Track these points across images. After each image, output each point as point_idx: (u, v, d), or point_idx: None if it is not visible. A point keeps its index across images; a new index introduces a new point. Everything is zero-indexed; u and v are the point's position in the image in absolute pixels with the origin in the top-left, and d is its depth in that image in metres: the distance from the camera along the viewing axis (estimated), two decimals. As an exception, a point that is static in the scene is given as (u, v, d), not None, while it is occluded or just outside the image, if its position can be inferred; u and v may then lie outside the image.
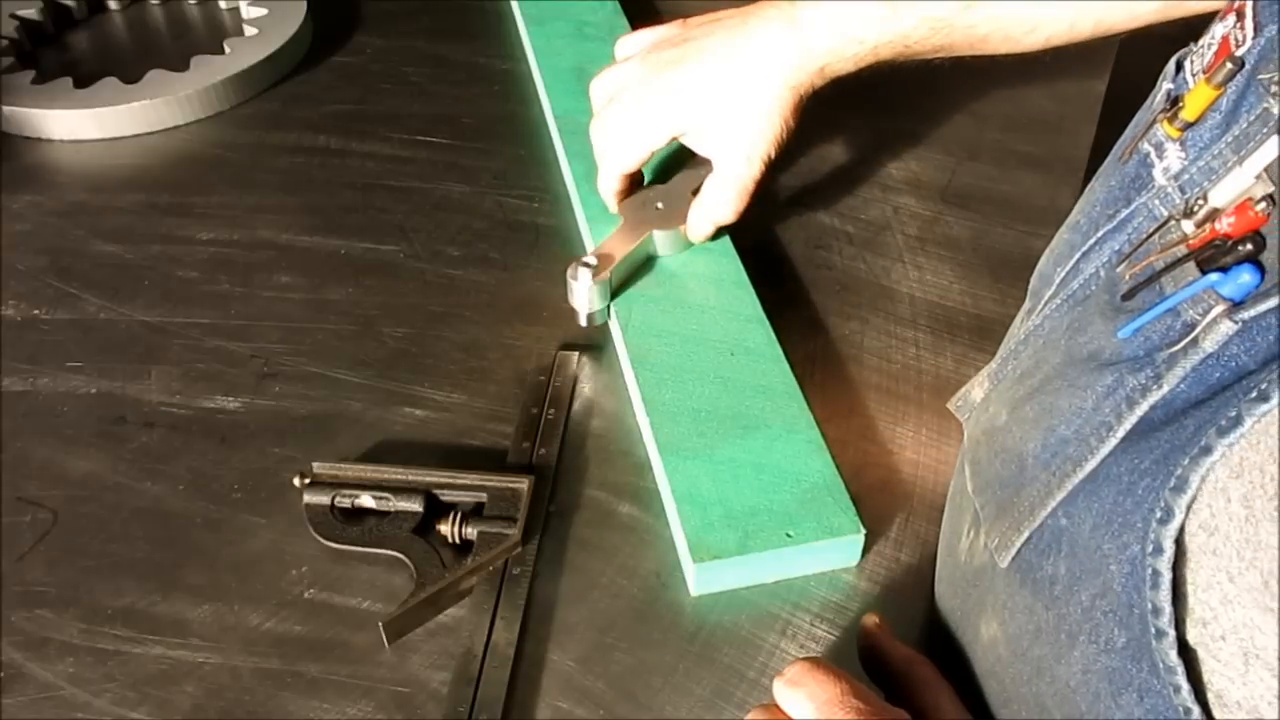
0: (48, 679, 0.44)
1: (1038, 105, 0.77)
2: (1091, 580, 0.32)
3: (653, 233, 0.59)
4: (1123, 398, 0.32)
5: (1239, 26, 0.33)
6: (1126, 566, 0.30)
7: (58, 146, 0.74)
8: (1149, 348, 0.32)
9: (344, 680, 0.44)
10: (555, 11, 0.82)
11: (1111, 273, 0.36)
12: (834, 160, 0.72)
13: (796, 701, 0.35)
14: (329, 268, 0.64)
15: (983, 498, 0.40)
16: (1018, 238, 0.63)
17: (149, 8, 0.90)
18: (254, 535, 0.49)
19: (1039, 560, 0.35)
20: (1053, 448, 0.35)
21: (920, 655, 0.40)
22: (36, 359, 0.58)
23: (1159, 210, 0.34)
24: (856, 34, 0.55)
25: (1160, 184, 0.35)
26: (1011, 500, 0.37)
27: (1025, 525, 0.36)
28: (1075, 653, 0.33)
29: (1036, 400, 0.37)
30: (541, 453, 0.52)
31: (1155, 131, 0.35)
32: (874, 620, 0.41)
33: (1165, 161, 0.35)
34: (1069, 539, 0.34)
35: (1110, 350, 0.33)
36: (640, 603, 0.47)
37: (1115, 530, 0.31)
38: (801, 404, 0.52)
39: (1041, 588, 0.35)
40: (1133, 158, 0.37)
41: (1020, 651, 0.37)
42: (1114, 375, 0.33)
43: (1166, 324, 0.31)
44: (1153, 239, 0.34)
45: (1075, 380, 0.35)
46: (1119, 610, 0.30)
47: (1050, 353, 0.38)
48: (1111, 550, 0.31)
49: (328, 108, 0.77)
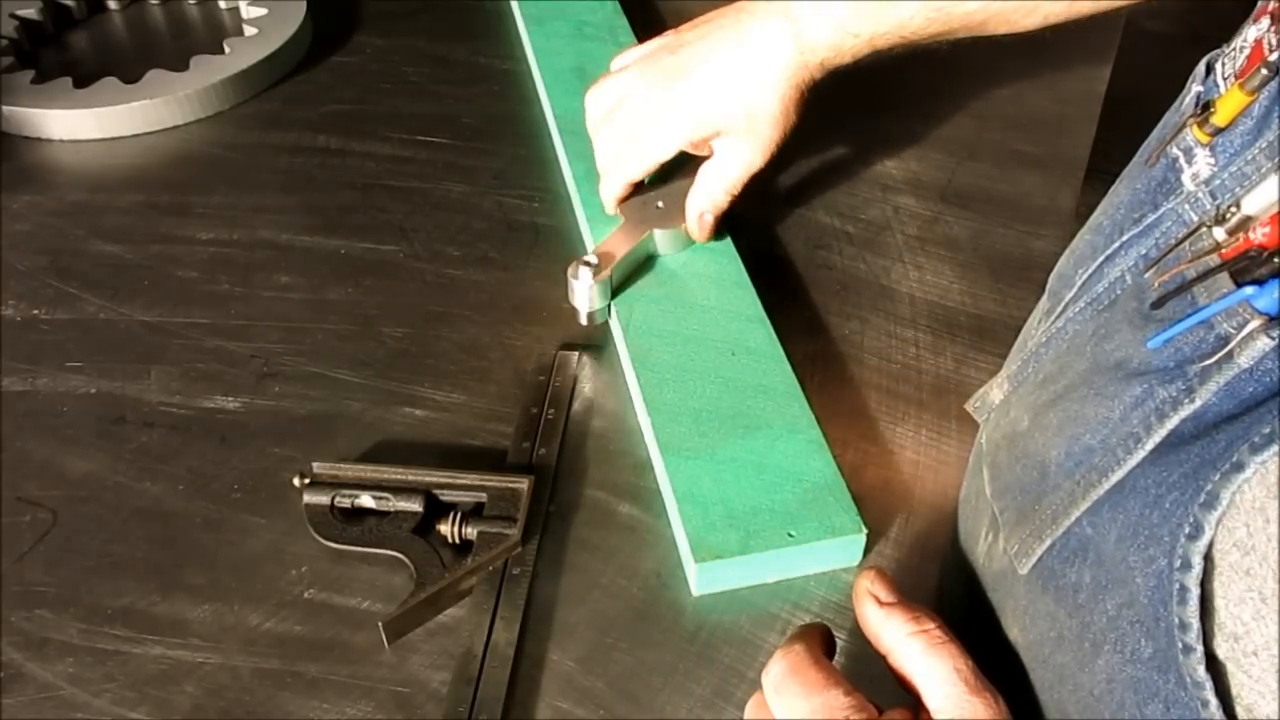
0: (48, 679, 0.44)
1: (1038, 105, 0.77)
2: (1117, 590, 0.32)
3: (653, 232, 0.59)
4: (1152, 409, 0.31)
5: (1274, 30, 0.32)
6: (1153, 580, 0.30)
7: (58, 146, 0.74)
8: (1180, 359, 0.31)
9: (344, 680, 0.44)
10: (555, 11, 0.82)
11: (1139, 278, 0.35)
12: (834, 160, 0.72)
13: (784, 707, 0.35)
14: (329, 268, 0.64)
15: (1002, 502, 0.40)
16: (1018, 238, 0.63)
17: (149, 8, 0.90)
18: (254, 535, 0.49)
19: (1062, 568, 0.35)
20: (1077, 456, 0.35)
21: (923, 617, 0.36)
22: (36, 359, 0.58)
23: (1188, 216, 0.34)
24: (853, 27, 0.55)
25: (1189, 189, 0.34)
26: (1033, 507, 0.37)
27: (1047, 533, 0.35)
28: (1100, 661, 0.32)
29: (1060, 407, 0.37)
30: (541, 453, 0.52)
31: (1185, 136, 0.35)
32: (869, 580, 0.37)
33: (1195, 167, 0.34)
34: (1094, 548, 0.33)
35: (1139, 360, 0.33)
36: (640, 603, 0.47)
37: (1141, 543, 0.30)
38: (802, 404, 0.52)
39: (1064, 595, 0.34)
40: (1160, 161, 0.36)
41: (1042, 658, 0.36)
42: (1143, 386, 0.32)
43: (1199, 336, 0.30)
44: (1183, 246, 0.33)
45: (1102, 389, 0.34)
46: (1145, 621, 0.30)
47: (1075, 358, 0.38)
48: (1137, 563, 0.30)
49: (328, 108, 0.77)
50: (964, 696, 0.32)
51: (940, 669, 0.33)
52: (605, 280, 0.56)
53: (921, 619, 0.35)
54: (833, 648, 0.38)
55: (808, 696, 0.34)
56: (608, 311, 0.58)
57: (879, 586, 0.37)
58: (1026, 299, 0.61)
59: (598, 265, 0.56)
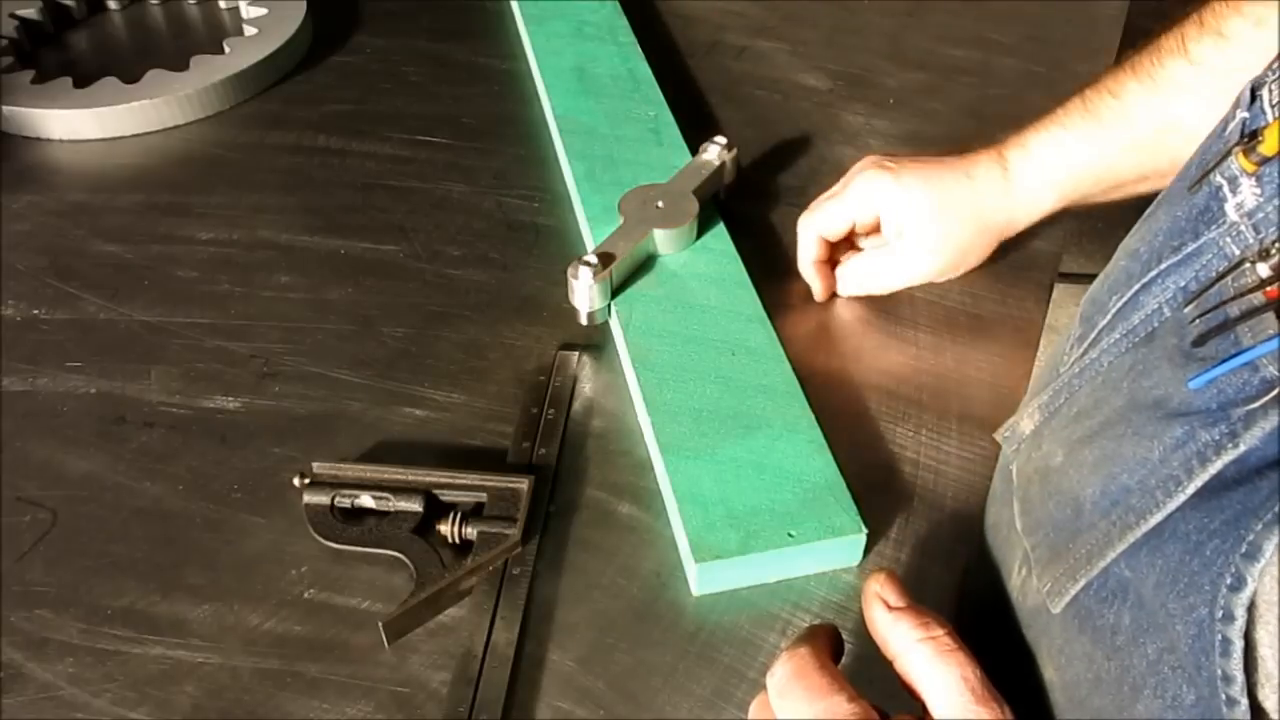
0: (48, 679, 0.44)
1: (1038, 105, 0.77)
2: (1157, 635, 0.31)
3: (653, 232, 0.59)
4: (1193, 452, 0.31)
5: None
6: (1193, 629, 0.29)
7: (58, 146, 0.74)
8: (1223, 401, 0.30)
9: (344, 680, 0.44)
10: (555, 11, 0.82)
11: (1178, 312, 0.34)
12: (834, 160, 0.72)
13: (787, 710, 0.34)
14: (329, 268, 0.64)
15: (1033, 539, 0.39)
16: (1017, 238, 0.62)
17: (149, 8, 0.90)
18: (254, 535, 0.49)
19: (1099, 608, 0.34)
20: (1113, 496, 0.34)
21: (932, 623, 0.35)
22: (36, 359, 0.58)
23: (1230, 249, 0.33)
24: None
25: (1232, 219, 0.33)
26: (1066, 545, 0.36)
27: (1081, 573, 0.35)
28: (1139, 706, 0.31)
29: (1096, 444, 0.36)
30: (541, 453, 0.52)
31: (1229, 164, 0.34)
32: (878, 584, 0.37)
33: (1239, 196, 0.33)
34: (1133, 590, 0.32)
35: (1179, 399, 0.32)
36: (640, 603, 0.47)
37: (1181, 590, 0.29)
38: (803, 404, 0.52)
39: (1102, 636, 0.34)
40: (1203, 189, 0.35)
41: (1078, 700, 0.35)
42: (1184, 427, 0.31)
43: (1243, 378, 0.30)
44: (1225, 281, 0.32)
45: (1140, 427, 0.33)
46: (1186, 668, 0.29)
47: (1111, 394, 0.37)
48: (1177, 610, 0.29)
49: (328, 108, 0.77)
50: (970, 705, 0.32)
51: (947, 676, 0.33)
52: (605, 280, 0.56)
53: (930, 625, 0.34)
54: (840, 650, 0.37)
55: (811, 701, 0.34)
56: (608, 311, 0.58)
57: (888, 590, 0.36)
58: (1026, 299, 0.61)
59: (598, 265, 0.56)
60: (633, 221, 0.60)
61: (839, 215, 0.60)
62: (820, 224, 0.60)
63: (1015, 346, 0.59)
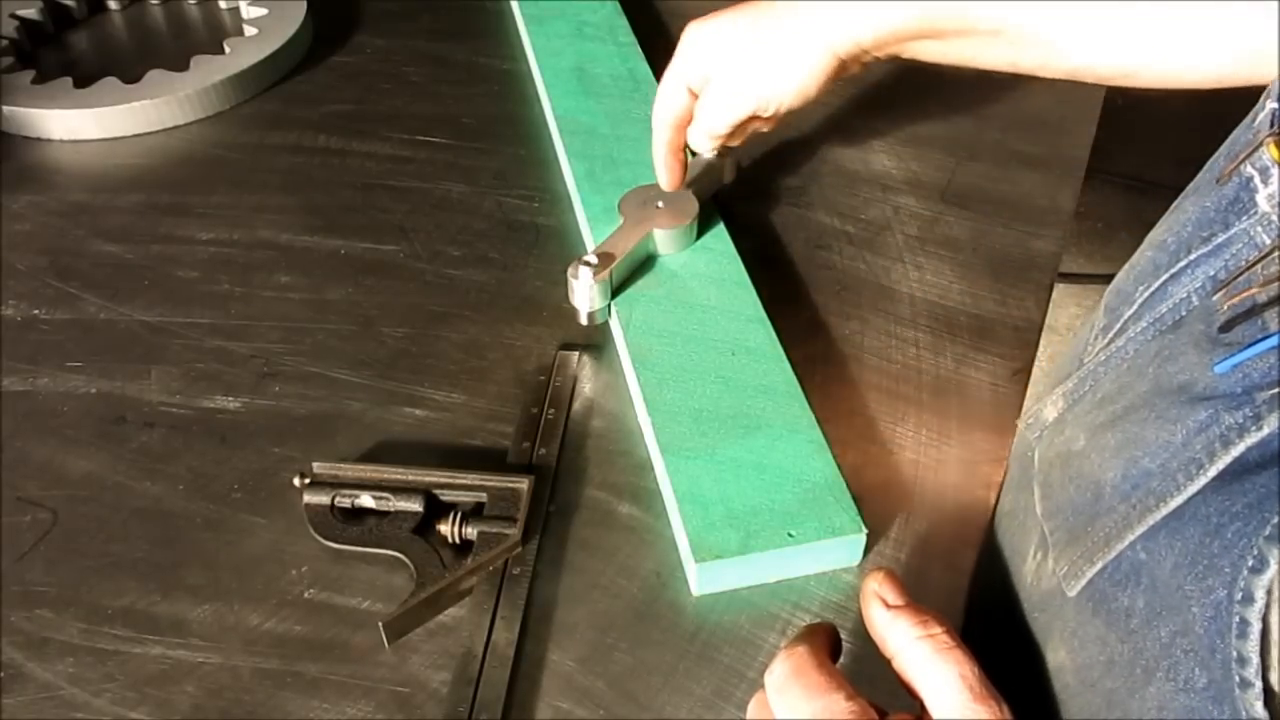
0: (48, 679, 0.44)
1: (1038, 105, 0.77)
2: (1171, 617, 0.31)
3: (653, 232, 0.59)
4: (1216, 435, 0.31)
5: None
6: (1210, 610, 0.29)
7: (58, 146, 0.74)
8: (1248, 385, 0.30)
9: (344, 680, 0.44)
10: (555, 11, 0.82)
11: (1206, 300, 0.35)
12: (834, 160, 0.72)
13: (786, 708, 0.35)
14: (329, 268, 0.64)
15: (1053, 523, 0.39)
16: (1018, 238, 0.63)
17: (149, 8, 0.90)
18: (254, 535, 0.49)
19: (1114, 591, 0.34)
20: (1134, 479, 0.34)
21: (931, 621, 0.35)
22: (36, 359, 0.58)
23: (1261, 238, 0.33)
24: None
25: (1264, 210, 0.33)
26: (1085, 529, 0.36)
27: (1099, 556, 0.35)
28: (1151, 688, 0.32)
29: (1119, 428, 0.36)
30: (541, 453, 0.52)
31: (1260, 155, 0.34)
32: (877, 582, 0.37)
33: (1270, 187, 0.33)
34: (1148, 573, 0.32)
35: (1204, 384, 0.32)
36: (640, 603, 0.47)
37: (1199, 572, 0.30)
38: (803, 404, 0.52)
39: (1116, 619, 0.34)
40: (1233, 179, 0.35)
41: (1090, 682, 0.36)
42: (1208, 411, 0.31)
43: (1268, 362, 0.30)
44: (1254, 269, 0.32)
45: (1164, 412, 0.33)
46: (1200, 651, 0.29)
47: (1136, 380, 0.37)
48: (1194, 592, 0.30)
49: (328, 108, 0.77)
50: (968, 703, 0.32)
51: (946, 674, 0.33)
52: (605, 280, 0.56)
53: (929, 623, 0.34)
54: (838, 649, 0.37)
55: (810, 699, 0.34)
56: (608, 311, 0.58)
57: (887, 588, 0.36)
58: (1026, 299, 0.61)
59: (598, 265, 0.56)
60: (633, 221, 0.60)
61: (669, 85, 0.58)
62: (661, 107, 0.59)
63: (1015, 346, 0.59)
